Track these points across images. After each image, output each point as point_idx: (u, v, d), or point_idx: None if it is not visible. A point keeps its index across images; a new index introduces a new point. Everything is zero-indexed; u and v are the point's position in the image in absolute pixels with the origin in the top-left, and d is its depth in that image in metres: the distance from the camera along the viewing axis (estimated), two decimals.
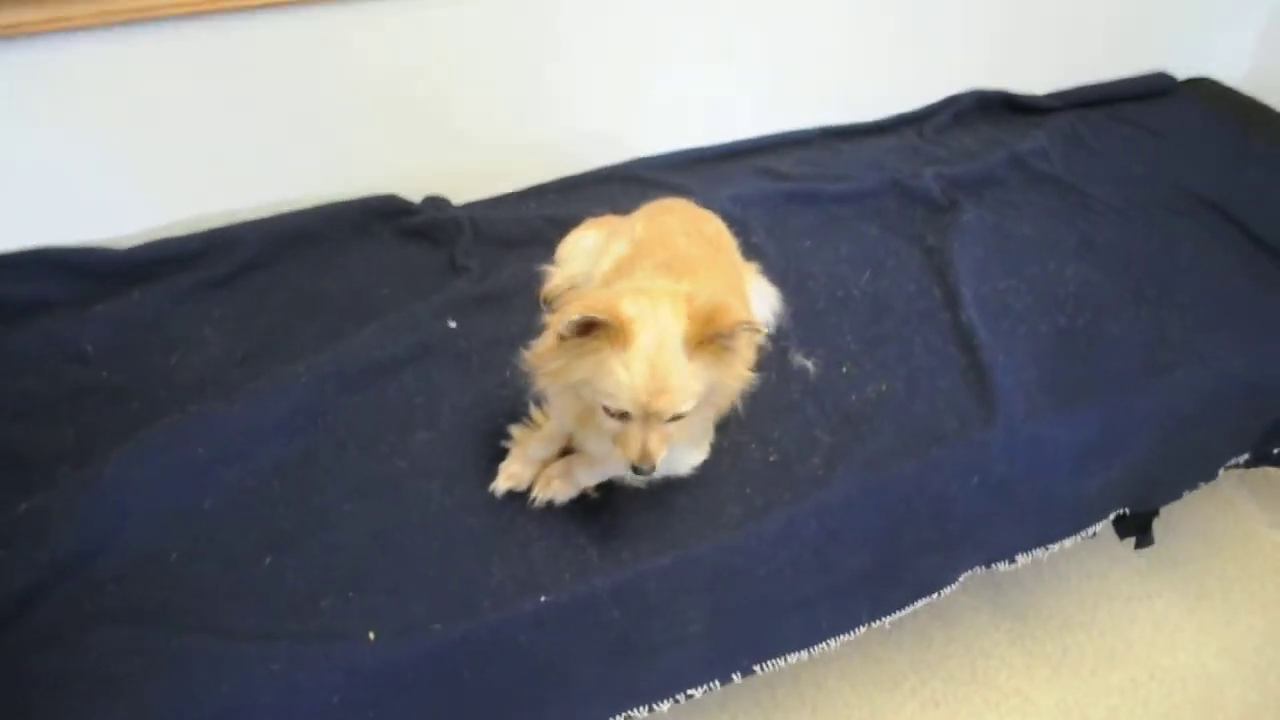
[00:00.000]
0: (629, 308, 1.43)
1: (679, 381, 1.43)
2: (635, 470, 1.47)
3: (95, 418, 1.69)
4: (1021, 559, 1.96)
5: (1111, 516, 2.05)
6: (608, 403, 1.44)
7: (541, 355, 1.49)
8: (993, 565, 1.94)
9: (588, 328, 1.41)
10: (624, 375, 1.41)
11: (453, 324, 1.91)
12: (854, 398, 1.87)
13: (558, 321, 1.42)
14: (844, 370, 1.92)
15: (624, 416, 1.46)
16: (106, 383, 1.76)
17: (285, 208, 2.14)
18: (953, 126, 2.66)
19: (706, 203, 2.06)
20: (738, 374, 1.53)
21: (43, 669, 1.32)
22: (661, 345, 1.42)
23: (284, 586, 1.48)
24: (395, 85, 2.12)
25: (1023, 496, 1.85)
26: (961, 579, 1.89)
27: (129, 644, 1.36)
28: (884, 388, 1.89)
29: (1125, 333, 2.02)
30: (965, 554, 1.86)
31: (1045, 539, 1.96)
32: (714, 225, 1.93)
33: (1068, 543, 1.99)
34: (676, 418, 1.47)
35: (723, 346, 1.45)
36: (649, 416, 1.45)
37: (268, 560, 1.50)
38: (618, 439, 1.47)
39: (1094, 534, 2.03)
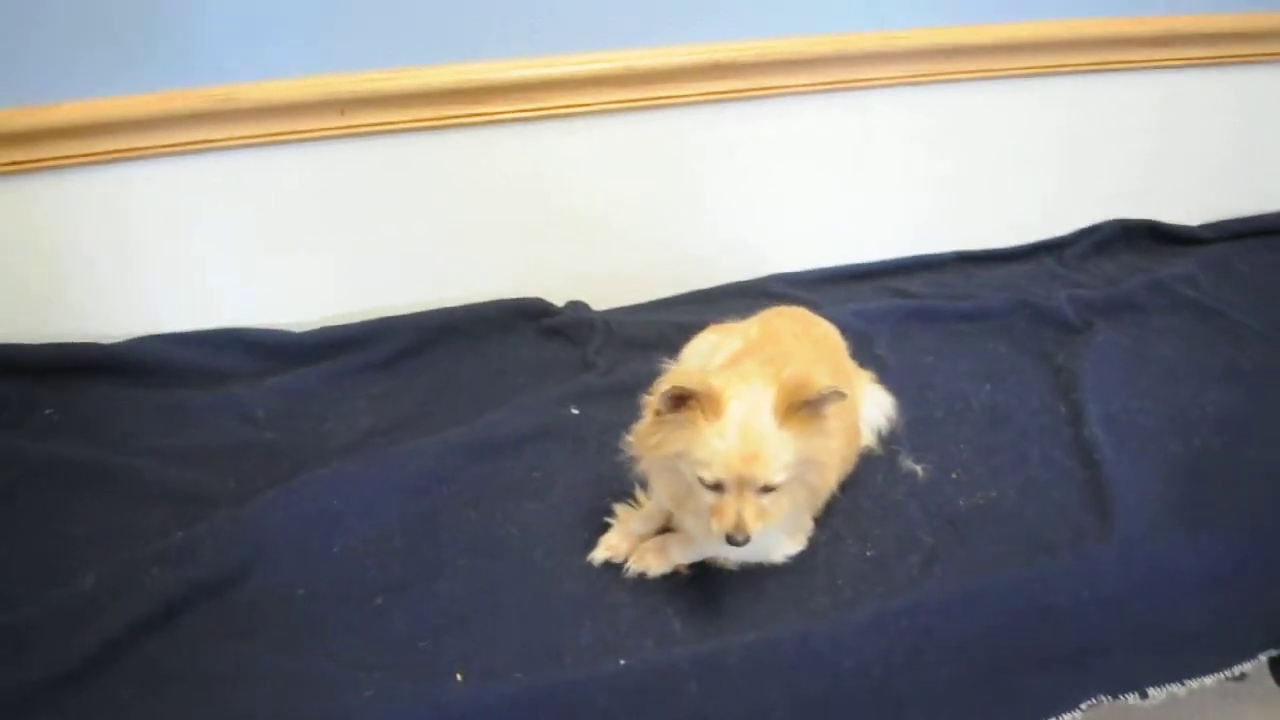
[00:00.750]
0: (719, 380, 1.52)
1: (771, 449, 1.50)
2: (729, 540, 1.51)
3: (254, 470, 1.91)
4: (1154, 693, 1.82)
5: (1263, 657, 1.89)
6: (703, 473, 1.51)
7: (640, 432, 1.60)
8: (1120, 696, 1.82)
9: (681, 401, 1.51)
10: (717, 443, 1.49)
11: (575, 410, 2.05)
12: (961, 503, 1.85)
13: (655, 398, 1.53)
14: (953, 476, 1.91)
15: (718, 487, 1.52)
16: (268, 442, 1.99)
17: (440, 305, 2.38)
18: (1093, 255, 2.64)
19: (830, 315, 2.13)
20: (828, 447, 1.58)
21: (174, 669, 1.48)
22: (752, 414, 1.50)
23: (389, 625, 1.59)
24: (546, 197, 2.36)
25: (1143, 621, 1.74)
26: (1084, 707, 1.78)
27: (246, 659, 1.50)
28: (994, 494, 1.86)
29: (1267, 458, 1.92)
30: (1083, 679, 1.76)
31: (1178, 673, 1.82)
32: (824, 329, 2.01)
33: (1209, 681, 1.84)
34: (769, 489, 1.53)
35: (812, 416, 1.52)
36: (743, 486, 1.51)
37: (379, 601, 1.62)
38: (713, 510, 1.53)
39: (1242, 675, 1.88)
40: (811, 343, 1.93)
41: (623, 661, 1.55)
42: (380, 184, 2.25)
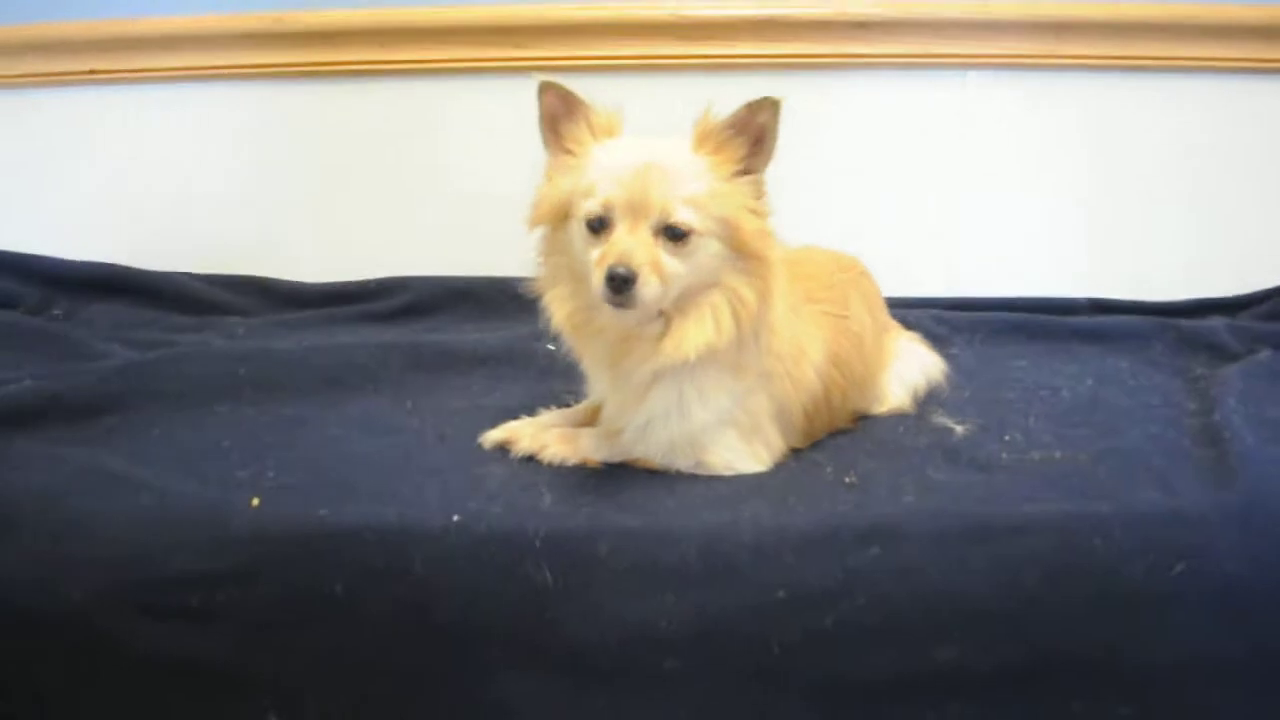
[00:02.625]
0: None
1: (675, 166, 1.20)
2: (610, 283, 1.14)
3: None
4: None
5: None
6: (587, 204, 1.20)
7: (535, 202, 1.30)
8: None
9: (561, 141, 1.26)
10: (604, 158, 1.22)
11: (551, 347, 1.73)
12: (1005, 456, 1.34)
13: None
14: (1005, 438, 1.40)
15: (602, 224, 1.19)
16: (227, 348, 1.81)
17: None
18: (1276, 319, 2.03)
19: (902, 320, 1.75)
20: (762, 230, 1.24)
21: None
22: (655, 138, 1.24)
23: (218, 450, 1.35)
24: None
25: (1274, 632, 1.10)
26: None
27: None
28: (1057, 455, 1.33)
29: None
30: (1163, 714, 1.11)
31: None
32: (860, 269, 1.62)
33: None
34: (674, 233, 1.18)
35: (736, 147, 1.22)
36: (635, 216, 1.18)
37: (225, 443, 1.37)
38: (599, 258, 1.18)
39: None
40: (839, 268, 1.57)
41: (456, 518, 1.16)
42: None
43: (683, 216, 1.18)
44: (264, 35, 2.13)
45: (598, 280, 1.16)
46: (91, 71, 2.17)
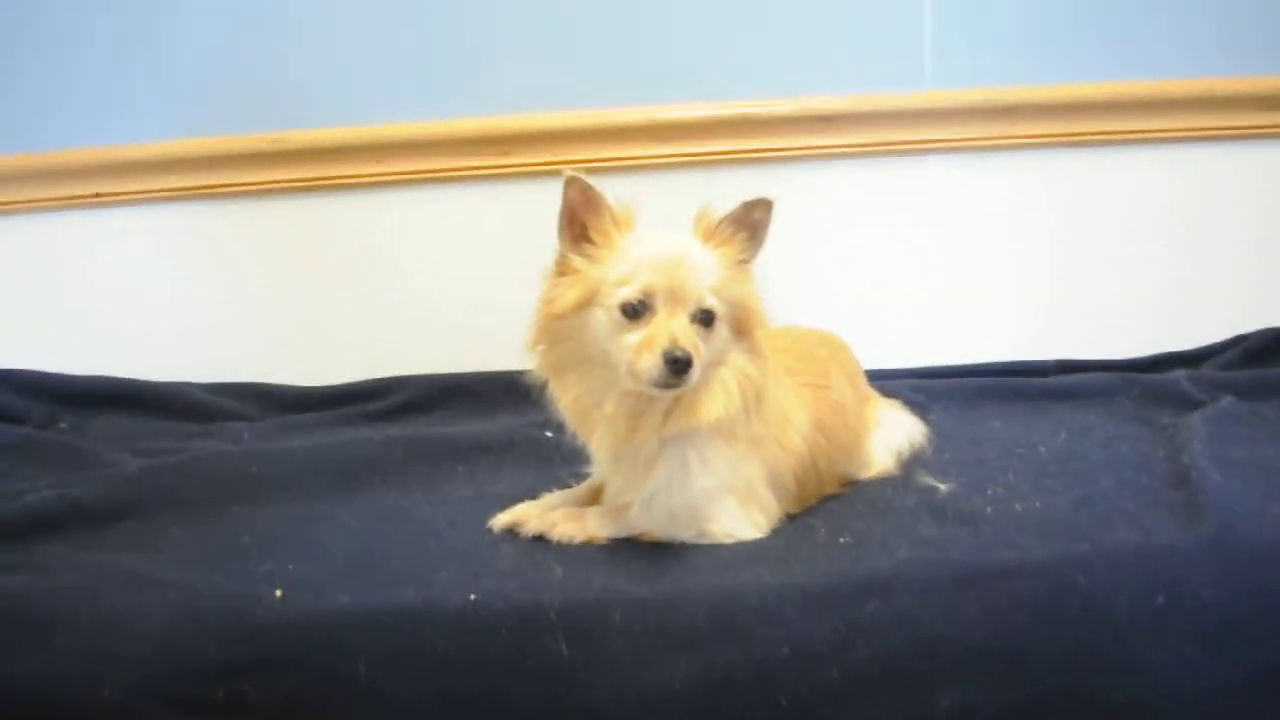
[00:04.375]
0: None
1: (695, 258, 1.32)
2: (669, 364, 1.23)
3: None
4: None
5: None
6: (624, 292, 1.29)
7: (545, 295, 1.37)
8: None
9: (584, 230, 1.34)
10: (636, 250, 1.32)
11: (550, 435, 1.81)
12: (989, 510, 1.41)
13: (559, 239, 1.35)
14: (988, 492, 1.47)
15: (642, 311, 1.28)
16: (236, 451, 1.87)
17: None
18: (1240, 366, 2.13)
19: (882, 390, 1.84)
20: (759, 311, 1.38)
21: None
22: (669, 232, 1.36)
23: (238, 548, 1.40)
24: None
25: (1263, 655, 1.16)
26: None
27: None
28: (1037, 505, 1.41)
29: None
30: None
31: None
32: (839, 344, 1.73)
33: None
34: (704, 315, 1.30)
35: (737, 238, 1.35)
36: (673, 303, 1.28)
37: (245, 539, 1.43)
38: (643, 341, 1.26)
39: None
40: (819, 343, 1.67)
41: (473, 596, 1.21)
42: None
43: (711, 303, 1.30)
44: (262, 154, 2.24)
45: (648, 362, 1.24)
46: (96, 195, 2.26)
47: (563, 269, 1.36)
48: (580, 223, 1.34)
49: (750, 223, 1.35)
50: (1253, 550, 1.23)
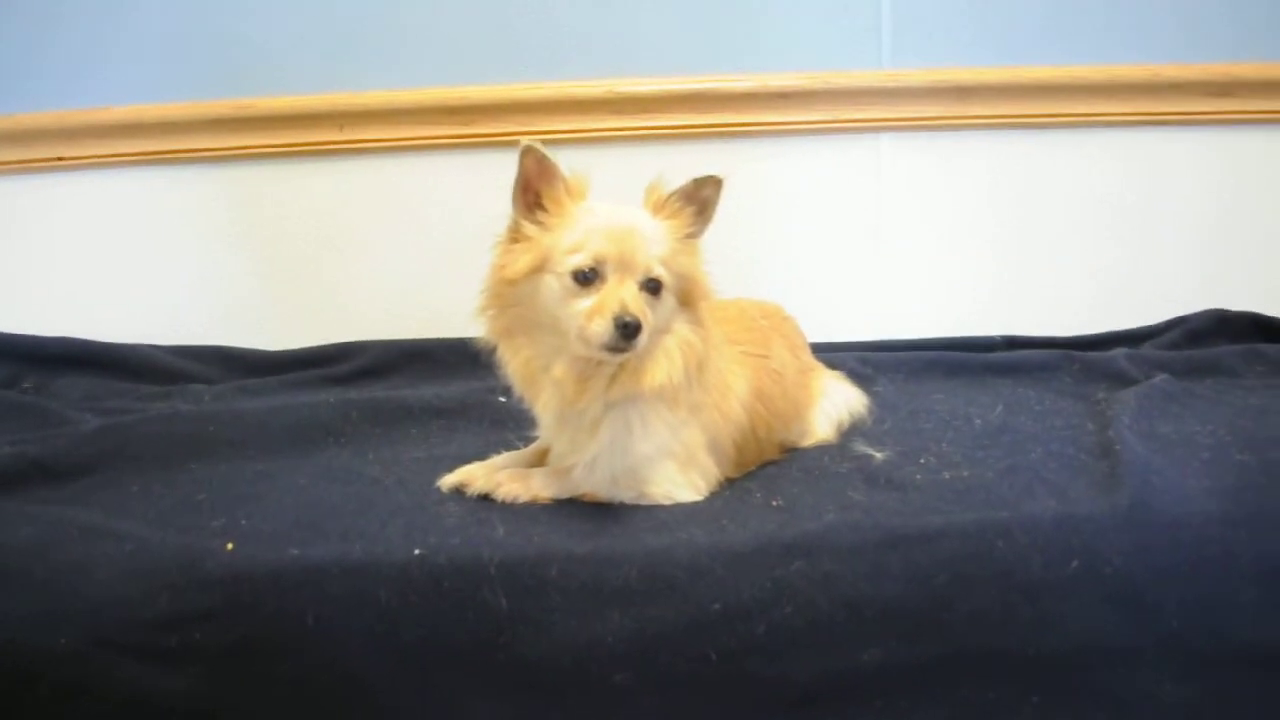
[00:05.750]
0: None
1: (645, 229, 1.35)
2: (619, 329, 1.27)
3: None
4: None
5: None
6: (575, 259, 1.32)
7: (497, 261, 1.41)
8: None
9: (538, 197, 1.37)
10: (588, 219, 1.35)
11: (503, 399, 1.85)
12: (919, 477, 1.46)
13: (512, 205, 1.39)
14: (921, 461, 1.53)
15: (592, 278, 1.32)
16: (193, 412, 1.89)
17: None
18: (1182, 346, 2.20)
19: (829, 362, 1.89)
20: (704, 283, 1.42)
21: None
22: (618, 203, 1.39)
23: (193, 504, 1.43)
24: None
25: (1170, 620, 1.23)
26: None
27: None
28: (966, 474, 1.46)
29: None
30: (1068, 697, 1.24)
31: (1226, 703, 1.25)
32: (784, 316, 1.79)
33: None
34: (652, 284, 1.34)
35: (686, 212, 1.39)
36: (623, 271, 1.33)
37: (201, 496, 1.46)
38: (593, 308, 1.30)
39: None
40: (762, 314, 1.72)
41: (417, 551, 1.25)
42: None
43: (659, 272, 1.34)
44: (226, 120, 2.26)
45: (599, 327, 1.29)
46: (59, 159, 2.28)
47: (515, 236, 1.40)
48: (534, 191, 1.37)
49: (699, 199, 1.39)
50: (1166, 520, 1.29)
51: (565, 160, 1.40)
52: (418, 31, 2.25)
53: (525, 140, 1.35)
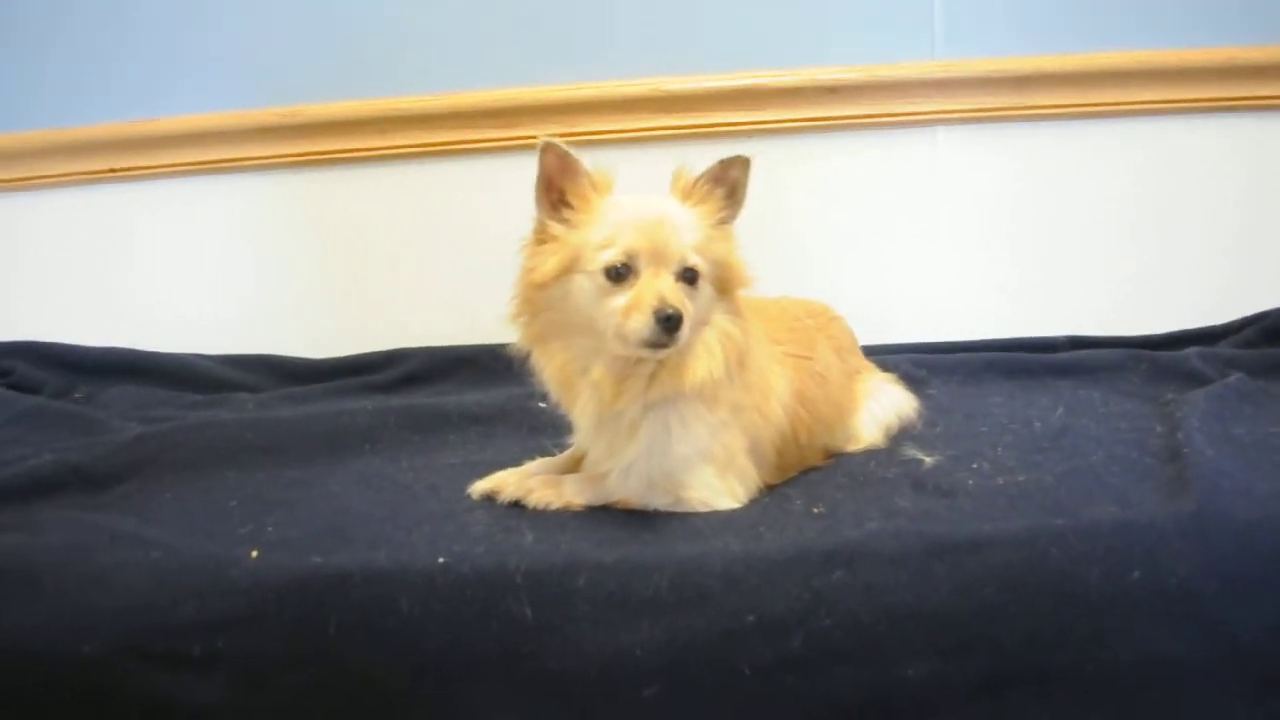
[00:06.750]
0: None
1: (676, 218, 1.31)
2: (660, 322, 1.22)
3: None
4: None
5: None
6: (607, 255, 1.28)
7: (527, 264, 1.37)
8: None
9: (562, 195, 1.33)
10: (616, 213, 1.31)
11: (542, 405, 1.81)
12: (970, 483, 1.39)
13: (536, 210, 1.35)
14: (974, 466, 1.45)
15: (626, 274, 1.28)
16: (235, 419, 1.90)
17: None
18: (1258, 344, 2.07)
19: (882, 364, 1.82)
20: (736, 255, 1.37)
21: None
22: (647, 193, 1.35)
23: (223, 510, 1.44)
24: None
25: (1239, 635, 1.13)
26: None
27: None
28: (1021, 479, 1.38)
29: None
30: (1129, 718, 1.15)
31: None
32: (834, 317, 1.72)
33: None
34: (690, 276, 1.30)
35: (716, 195, 1.35)
36: (657, 263, 1.28)
37: (233, 503, 1.46)
38: (630, 304, 1.26)
39: None
40: (807, 314, 1.66)
41: (441, 559, 1.22)
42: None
43: (694, 261, 1.30)
44: (275, 128, 2.29)
45: (638, 323, 1.24)
46: (111, 170, 2.32)
47: (542, 237, 1.36)
48: (558, 189, 1.34)
49: (728, 180, 1.34)
50: (1234, 528, 1.19)
51: (616, 162, 1.37)
52: (454, 35, 2.24)
53: (544, 137, 1.32)
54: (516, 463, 1.55)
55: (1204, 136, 2.20)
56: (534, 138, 2.15)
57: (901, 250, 2.27)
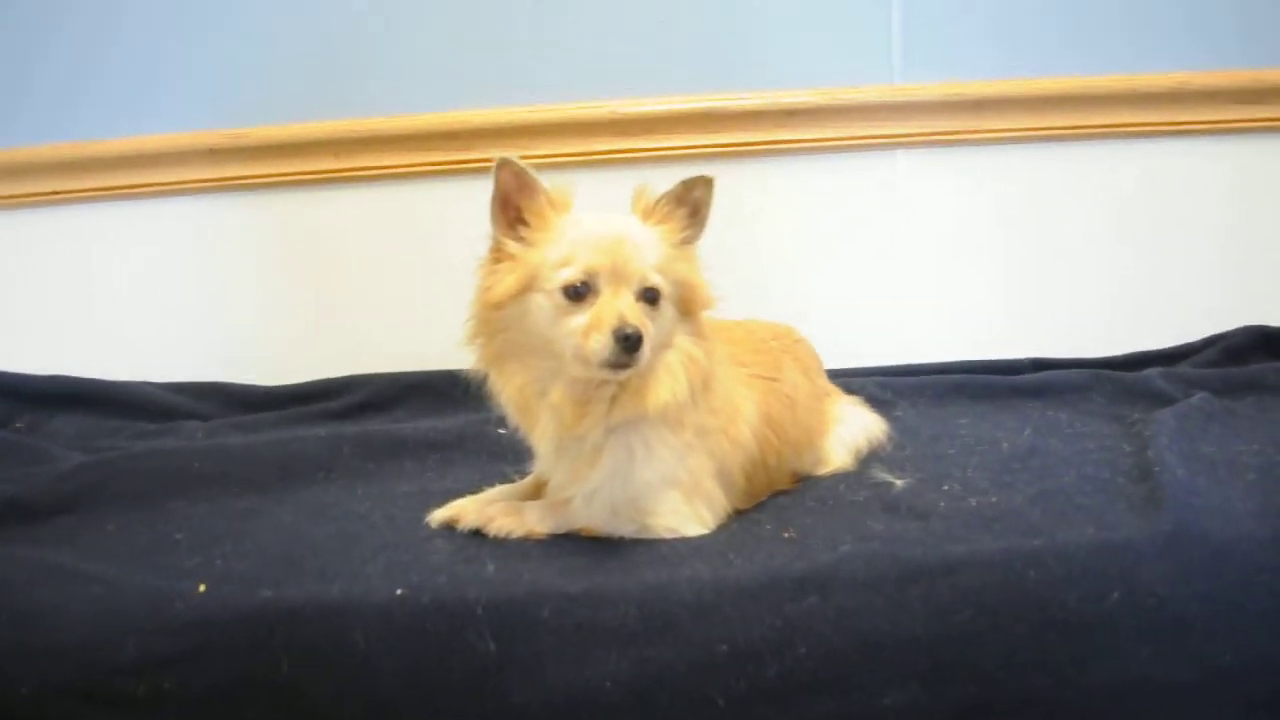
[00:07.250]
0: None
1: (636, 236, 1.28)
2: (619, 341, 1.18)
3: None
4: None
5: None
6: (565, 273, 1.25)
7: (482, 284, 1.33)
8: None
9: (518, 214, 1.30)
10: (573, 231, 1.28)
11: (502, 431, 1.77)
12: (942, 504, 1.36)
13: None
14: (945, 488, 1.43)
15: (584, 293, 1.24)
16: (185, 447, 1.83)
17: None
18: (1220, 364, 2.08)
19: (847, 387, 1.81)
20: (699, 275, 1.34)
21: None
22: (606, 211, 1.32)
23: (168, 543, 1.37)
24: None
25: (1221, 653, 1.12)
26: None
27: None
28: (994, 500, 1.36)
29: None
30: None
31: None
32: (798, 338, 1.70)
33: None
34: (651, 296, 1.26)
35: (677, 216, 1.32)
36: (617, 281, 1.24)
37: (178, 536, 1.39)
38: (589, 323, 1.22)
39: None
40: (772, 336, 1.64)
41: (399, 591, 1.17)
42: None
43: (655, 280, 1.26)
44: (224, 150, 2.21)
45: (597, 344, 1.20)
46: (54, 192, 2.24)
47: (498, 256, 1.32)
48: (515, 206, 1.30)
49: (691, 201, 1.32)
50: (1211, 546, 1.18)
51: (583, 185, 1.34)
52: (412, 57, 2.20)
53: (500, 154, 1.29)
54: (476, 490, 1.50)
55: (1157, 160, 2.22)
56: (490, 160, 2.21)
57: (862, 273, 2.26)
